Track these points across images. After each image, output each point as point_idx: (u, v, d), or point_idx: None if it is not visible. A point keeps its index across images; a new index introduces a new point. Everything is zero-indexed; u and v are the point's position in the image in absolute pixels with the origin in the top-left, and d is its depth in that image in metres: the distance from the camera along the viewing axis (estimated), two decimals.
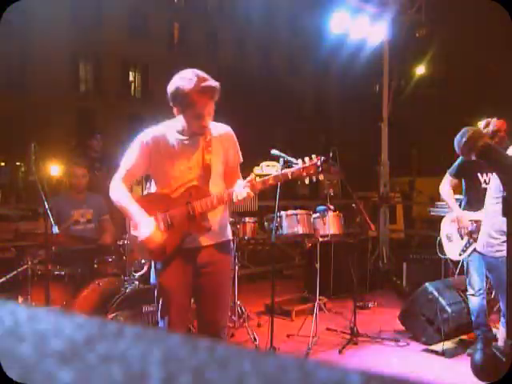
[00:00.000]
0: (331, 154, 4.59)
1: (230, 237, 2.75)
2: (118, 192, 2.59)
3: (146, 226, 2.50)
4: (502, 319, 3.47)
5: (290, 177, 2.52)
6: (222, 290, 2.69)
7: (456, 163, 4.08)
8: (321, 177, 2.58)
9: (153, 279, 2.72)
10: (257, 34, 28.05)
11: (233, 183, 2.62)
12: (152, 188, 2.76)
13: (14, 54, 20.94)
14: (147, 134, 2.58)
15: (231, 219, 4.08)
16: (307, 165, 2.54)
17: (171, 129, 2.58)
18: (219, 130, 2.64)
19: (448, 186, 4.11)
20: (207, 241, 2.59)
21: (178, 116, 2.53)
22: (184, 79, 2.40)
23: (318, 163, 2.54)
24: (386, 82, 7.71)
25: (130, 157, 2.59)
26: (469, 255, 3.93)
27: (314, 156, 2.57)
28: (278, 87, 27.05)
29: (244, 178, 2.65)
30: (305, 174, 2.53)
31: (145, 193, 3.83)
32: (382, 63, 7.69)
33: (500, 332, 3.58)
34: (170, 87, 2.44)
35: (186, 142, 2.56)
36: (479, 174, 3.95)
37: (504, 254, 3.11)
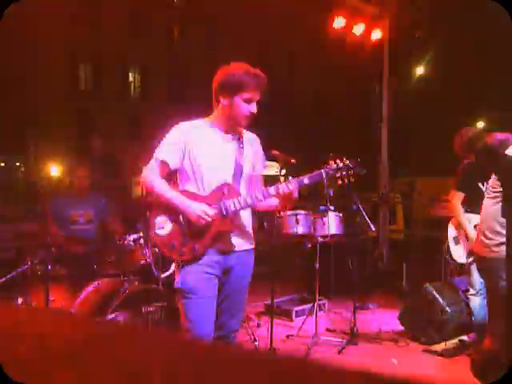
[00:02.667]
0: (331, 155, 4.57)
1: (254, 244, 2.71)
2: (153, 179, 2.50)
3: (194, 204, 2.42)
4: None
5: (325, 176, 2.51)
6: (242, 296, 2.67)
7: (459, 179, 3.98)
8: (352, 179, 2.55)
9: (179, 283, 2.49)
10: (257, 33, 28.05)
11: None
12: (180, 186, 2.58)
13: (13, 54, 20.93)
14: (183, 125, 2.56)
15: None
16: (341, 166, 2.52)
17: (208, 123, 2.57)
18: (248, 134, 2.68)
19: (459, 203, 3.97)
20: (240, 246, 2.56)
21: (216, 111, 2.53)
22: (236, 66, 2.47)
23: (351, 166, 2.52)
24: (386, 82, 7.70)
25: (164, 146, 2.53)
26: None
27: (344, 159, 2.54)
28: (277, 87, 27.08)
29: None
30: (339, 174, 2.51)
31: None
32: (381, 63, 7.69)
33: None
34: (221, 74, 2.47)
35: (222, 138, 2.55)
36: (480, 184, 3.88)
37: (497, 255, 3.08)
